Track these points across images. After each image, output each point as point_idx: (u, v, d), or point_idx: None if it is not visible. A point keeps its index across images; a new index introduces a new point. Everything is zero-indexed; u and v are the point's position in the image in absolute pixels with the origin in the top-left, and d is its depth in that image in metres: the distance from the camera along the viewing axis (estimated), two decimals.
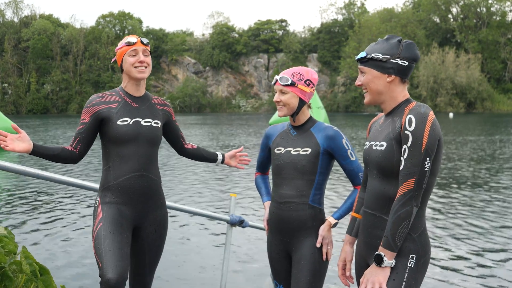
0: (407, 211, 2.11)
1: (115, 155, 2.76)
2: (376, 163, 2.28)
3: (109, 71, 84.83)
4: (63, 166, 14.41)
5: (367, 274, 2.21)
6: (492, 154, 17.33)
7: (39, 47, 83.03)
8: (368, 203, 2.35)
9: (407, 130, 2.14)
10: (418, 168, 2.12)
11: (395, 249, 2.15)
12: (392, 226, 2.13)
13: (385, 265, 2.16)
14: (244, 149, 4.29)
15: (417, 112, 2.16)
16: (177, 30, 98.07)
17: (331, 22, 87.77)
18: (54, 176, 3.11)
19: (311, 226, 2.76)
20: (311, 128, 2.82)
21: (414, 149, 2.12)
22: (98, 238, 2.63)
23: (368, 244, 2.35)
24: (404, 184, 2.13)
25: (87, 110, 2.80)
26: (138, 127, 2.79)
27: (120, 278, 2.48)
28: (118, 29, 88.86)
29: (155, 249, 2.89)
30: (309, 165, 2.75)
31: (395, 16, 78.73)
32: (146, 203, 2.81)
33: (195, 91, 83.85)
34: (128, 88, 2.88)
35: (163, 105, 2.99)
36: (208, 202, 9.21)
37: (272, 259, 2.93)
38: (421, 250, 2.22)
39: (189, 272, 5.43)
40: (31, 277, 3.15)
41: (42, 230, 7.21)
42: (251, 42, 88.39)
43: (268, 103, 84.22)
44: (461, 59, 69.08)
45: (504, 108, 68.42)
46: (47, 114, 78.94)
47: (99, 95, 2.85)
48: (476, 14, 76.80)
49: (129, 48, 2.83)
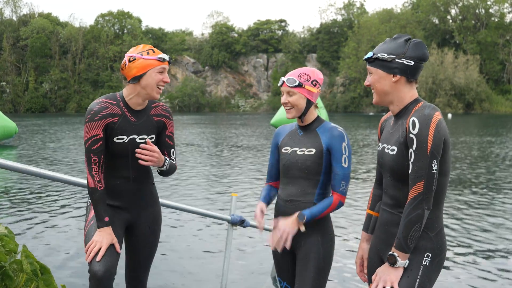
0: (418, 215, 2.13)
1: (106, 165, 2.73)
2: (389, 166, 2.31)
3: (108, 70, 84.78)
4: (64, 165, 14.38)
5: (380, 272, 2.23)
6: (490, 154, 17.35)
7: (37, 45, 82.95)
8: (386, 201, 2.38)
9: (411, 133, 2.14)
10: (425, 171, 2.11)
11: (408, 251, 2.17)
12: (404, 229, 2.15)
13: (398, 265, 2.19)
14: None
15: (421, 114, 2.15)
16: (176, 30, 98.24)
17: (331, 23, 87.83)
18: (55, 175, 3.09)
19: (316, 224, 2.77)
20: (317, 128, 2.84)
21: (419, 152, 2.12)
22: (88, 234, 2.64)
23: (384, 241, 2.37)
24: (414, 188, 2.14)
25: (97, 124, 2.62)
26: (133, 145, 2.72)
27: (107, 271, 2.48)
28: (117, 28, 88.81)
29: (149, 246, 2.89)
30: (313, 165, 2.77)
31: (394, 17, 78.83)
32: (139, 204, 2.83)
33: (194, 91, 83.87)
34: (132, 102, 2.71)
35: (160, 115, 2.82)
36: (209, 202, 9.20)
37: (277, 257, 2.95)
38: (437, 249, 2.24)
39: (189, 271, 5.41)
40: (31, 276, 3.14)
41: (43, 229, 7.19)
42: (250, 42, 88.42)
43: (267, 103, 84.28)
44: (460, 60, 69.24)
45: (502, 109, 68.57)
46: (46, 113, 78.87)
47: (102, 106, 2.65)
48: (475, 15, 76.93)
49: (160, 64, 2.65)
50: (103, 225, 2.62)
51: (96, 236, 2.60)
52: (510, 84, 72.95)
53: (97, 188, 2.64)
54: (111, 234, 2.62)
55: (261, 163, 15.30)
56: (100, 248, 2.55)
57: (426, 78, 68.44)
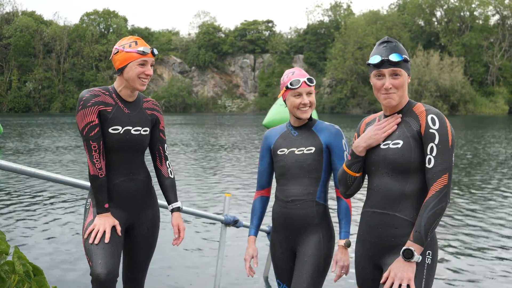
0: (442, 208, 2.16)
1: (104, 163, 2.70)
2: (391, 161, 2.29)
3: (93, 70, 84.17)
4: (56, 164, 14.23)
5: (394, 269, 2.19)
6: (479, 155, 17.54)
7: (21, 44, 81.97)
8: (376, 202, 2.34)
9: (432, 128, 2.22)
10: (449, 163, 2.19)
11: (424, 244, 2.18)
12: (427, 221, 2.15)
13: (414, 260, 2.17)
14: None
15: (436, 112, 2.27)
16: (162, 29, 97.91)
17: (317, 24, 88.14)
18: (49, 175, 3.04)
19: (318, 223, 2.79)
20: (312, 127, 2.86)
21: (442, 146, 2.19)
22: (88, 237, 2.60)
23: (377, 244, 2.34)
24: (439, 181, 2.18)
25: (90, 110, 2.61)
26: (128, 136, 2.71)
27: (110, 274, 2.45)
28: (102, 27, 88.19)
29: (147, 247, 2.87)
30: (314, 163, 2.79)
31: (380, 19, 79.38)
32: (137, 204, 2.81)
33: (180, 91, 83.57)
34: (123, 93, 2.74)
35: (152, 109, 2.86)
36: (202, 202, 9.15)
37: (276, 258, 2.94)
38: (434, 246, 2.27)
39: (183, 272, 5.37)
40: (24, 278, 3.07)
41: (35, 230, 7.08)
42: (237, 43, 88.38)
43: (253, 103, 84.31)
44: (445, 62, 69.96)
45: (486, 110, 69.46)
46: (29, 112, 77.98)
47: (93, 93, 2.65)
48: (460, 18, 77.83)
49: (140, 57, 2.67)
50: (103, 211, 2.63)
51: (97, 220, 2.60)
52: (494, 86, 73.91)
53: (98, 176, 2.62)
54: (111, 217, 2.63)
55: (252, 163, 15.28)
56: (104, 232, 2.56)
57: (411, 80, 68.24)
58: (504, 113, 68.85)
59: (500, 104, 70.41)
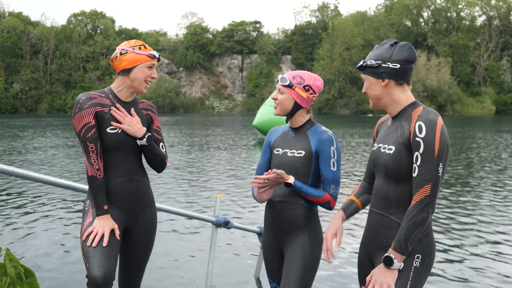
0: (423, 218, 2.15)
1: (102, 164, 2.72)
2: (384, 165, 2.33)
3: (80, 71, 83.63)
4: (48, 166, 14.12)
5: (375, 274, 2.24)
6: (471, 154, 17.71)
7: (7, 45, 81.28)
8: (375, 203, 2.41)
9: (418, 137, 2.18)
10: (433, 174, 2.15)
11: (406, 253, 2.19)
12: (406, 231, 2.16)
13: (394, 267, 2.19)
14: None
15: (427, 119, 2.20)
16: (150, 30, 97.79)
17: (305, 24, 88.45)
18: (42, 177, 3.03)
19: (303, 225, 2.80)
20: (308, 131, 2.87)
21: (427, 156, 2.16)
22: (87, 239, 2.61)
23: (374, 243, 2.40)
24: (420, 191, 2.16)
25: (87, 112, 2.64)
26: (126, 136, 2.74)
27: (106, 277, 2.46)
28: (90, 28, 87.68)
29: (144, 249, 2.88)
30: (302, 167, 2.79)
31: (368, 19, 79.86)
32: (136, 205, 2.82)
33: (168, 92, 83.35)
34: (121, 94, 2.78)
35: (147, 109, 2.92)
36: (193, 203, 9.13)
37: (267, 258, 2.99)
38: (427, 250, 2.27)
39: (174, 273, 5.37)
40: (15, 280, 3.05)
41: (26, 232, 7.02)
42: (225, 43, 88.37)
43: (242, 104, 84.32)
44: (432, 63, 70.57)
45: (473, 111, 70.17)
46: (16, 113, 77.23)
47: (89, 96, 2.68)
48: (447, 18, 78.56)
49: (149, 60, 2.74)
50: (103, 213, 2.63)
51: (96, 222, 2.61)
52: (481, 86, 74.68)
53: (97, 177, 2.64)
54: (111, 220, 2.64)
55: (243, 164, 15.29)
56: (103, 234, 2.56)
57: None
58: (491, 113, 69.63)
59: (487, 104, 71.20)
